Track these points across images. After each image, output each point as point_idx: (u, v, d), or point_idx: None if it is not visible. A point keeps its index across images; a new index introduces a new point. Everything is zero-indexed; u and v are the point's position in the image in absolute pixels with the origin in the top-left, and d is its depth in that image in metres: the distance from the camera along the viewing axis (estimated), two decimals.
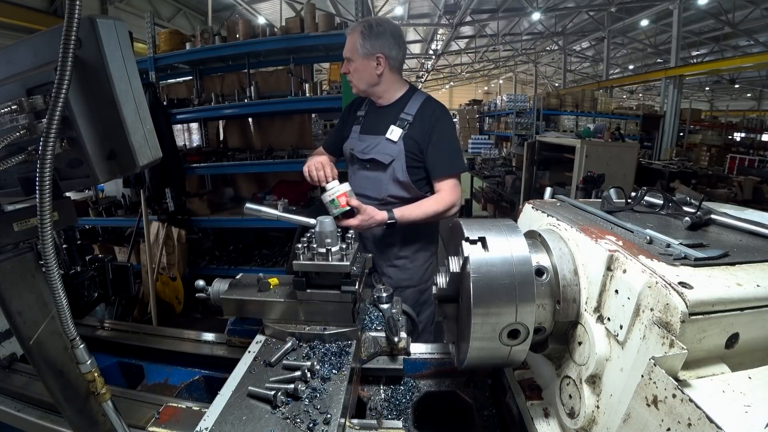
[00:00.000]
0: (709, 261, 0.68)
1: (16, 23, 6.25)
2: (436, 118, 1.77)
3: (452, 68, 25.45)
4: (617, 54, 19.57)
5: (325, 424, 0.78)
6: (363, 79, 1.79)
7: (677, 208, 0.98)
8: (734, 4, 12.13)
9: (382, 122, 1.81)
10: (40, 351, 0.79)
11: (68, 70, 0.60)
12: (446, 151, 1.77)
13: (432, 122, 1.76)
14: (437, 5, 13.50)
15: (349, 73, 1.80)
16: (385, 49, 1.73)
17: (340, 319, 1.05)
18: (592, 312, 0.76)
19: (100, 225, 4.68)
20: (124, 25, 0.77)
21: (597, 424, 0.72)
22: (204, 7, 9.54)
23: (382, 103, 1.86)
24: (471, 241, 0.78)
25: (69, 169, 0.77)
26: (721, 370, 0.61)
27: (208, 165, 4.20)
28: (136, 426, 0.99)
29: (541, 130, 9.28)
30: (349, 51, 1.76)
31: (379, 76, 1.77)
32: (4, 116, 0.69)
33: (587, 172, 4.64)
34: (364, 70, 1.76)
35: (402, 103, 1.83)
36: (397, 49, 1.76)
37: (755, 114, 18.75)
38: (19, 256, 0.79)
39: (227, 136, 5.06)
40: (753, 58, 11.34)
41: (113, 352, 1.52)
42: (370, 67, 1.75)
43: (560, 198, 1.16)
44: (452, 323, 0.92)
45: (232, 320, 1.38)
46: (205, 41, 4.02)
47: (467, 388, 1.15)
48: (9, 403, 1.12)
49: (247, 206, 1.19)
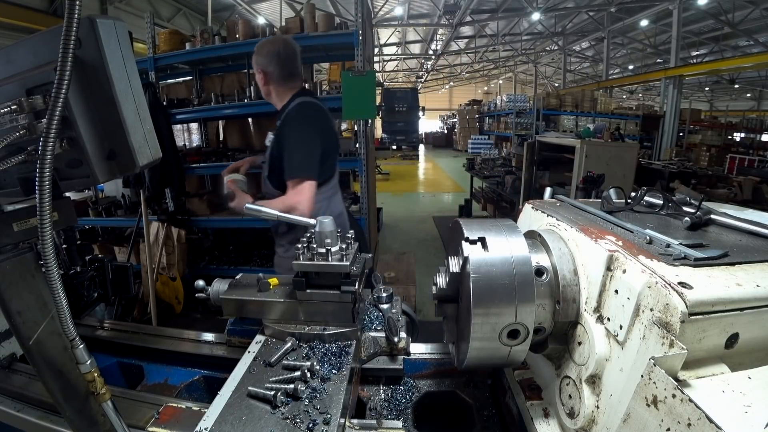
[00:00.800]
0: (709, 261, 0.68)
1: (16, 23, 6.25)
2: (286, 123, 1.94)
3: (452, 68, 25.45)
4: (617, 54, 19.57)
5: (325, 424, 0.78)
6: (268, 94, 2.08)
7: (677, 208, 0.98)
8: (734, 4, 12.14)
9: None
10: (39, 351, 0.79)
11: (68, 70, 0.60)
12: (289, 154, 1.89)
13: (283, 126, 1.94)
14: (437, 5, 13.51)
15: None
16: (263, 65, 1.98)
17: (340, 319, 1.05)
18: (591, 312, 0.76)
19: (99, 225, 4.68)
20: (124, 25, 0.77)
21: (597, 424, 0.72)
22: (204, 7, 9.53)
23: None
24: (471, 241, 0.78)
25: (69, 169, 0.77)
26: (721, 370, 0.61)
27: (208, 165, 4.20)
28: (136, 426, 0.98)
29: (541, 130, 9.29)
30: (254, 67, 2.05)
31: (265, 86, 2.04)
32: (4, 116, 0.69)
33: (587, 172, 4.64)
34: (264, 83, 2.04)
35: (282, 111, 2.03)
36: (275, 65, 1.97)
37: (755, 114, 18.76)
38: (19, 256, 0.79)
39: (227, 136, 5.06)
40: (753, 58, 11.35)
41: (113, 352, 1.52)
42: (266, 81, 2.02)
43: (560, 198, 1.16)
44: (452, 323, 0.92)
45: (231, 320, 1.38)
46: (205, 41, 4.02)
47: (467, 388, 1.15)
48: (9, 403, 1.12)
49: (247, 206, 1.19)
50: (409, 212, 8.74)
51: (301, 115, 1.94)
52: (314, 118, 1.95)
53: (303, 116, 1.94)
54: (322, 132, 1.94)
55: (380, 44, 18.75)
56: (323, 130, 1.95)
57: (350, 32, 3.61)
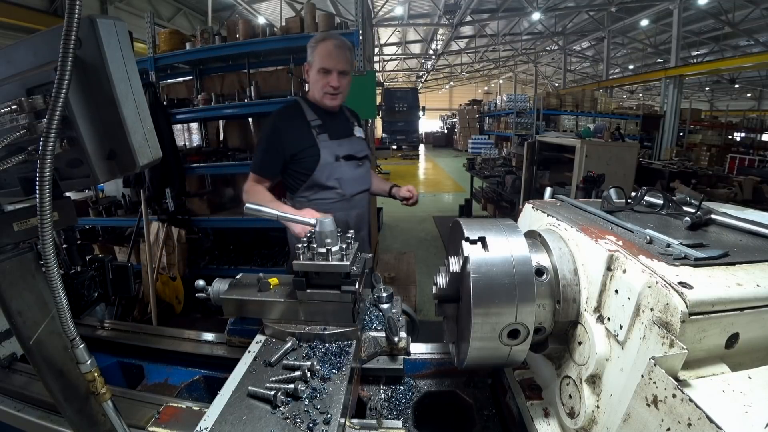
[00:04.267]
0: (709, 261, 0.68)
1: (16, 23, 6.25)
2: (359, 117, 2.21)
3: (452, 68, 25.45)
4: (617, 54, 19.57)
5: (325, 424, 0.78)
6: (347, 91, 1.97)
7: (677, 208, 0.98)
8: (734, 4, 12.14)
9: (343, 125, 2.03)
10: (40, 351, 0.79)
11: (68, 70, 0.60)
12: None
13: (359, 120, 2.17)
14: (437, 5, 13.51)
15: (339, 87, 1.88)
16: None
17: (340, 319, 1.05)
18: (592, 312, 0.76)
19: (100, 225, 4.68)
20: (124, 25, 0.77)
21: (597, 424, 0.72)
22: (204, 7, 9.54)
23: (336, 109, 2.01)
24: (471, 241, 0.78)
25: (69, 169, 0.77)
26: (721, 370, 0.61)
27: (208, 165, 4.20)
28: (136, 426, 0.98)
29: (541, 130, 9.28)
30: (348, 64, 1.89)
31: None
32: (4, 116, 0.69)
33: (587, 172, 4.64)
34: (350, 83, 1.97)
35: (342, 108, 2.07)
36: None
37: (755, 114, 18.73)
38: (19, 256, 0.79)
39: (227, 136, 5.06)
40: (753, 58, 11.34)
41: (113, 352, 1.52)
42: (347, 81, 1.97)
43: (560, 198, 1.16)
44: (452, 323, 0.92)
45: (232, 320, 1.38)
46: (205, 41, 4.02)
47: (467, 388, 1.15)
48: (9, 403, 1.12)
49: (247, 206, 1.19)
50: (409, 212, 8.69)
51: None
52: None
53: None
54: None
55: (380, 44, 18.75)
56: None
57: (350, 32, 3.61)
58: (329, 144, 1.92)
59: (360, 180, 2.03)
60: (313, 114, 1.95)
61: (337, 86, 1.87)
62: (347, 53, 1.87)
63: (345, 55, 1.86)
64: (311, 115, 1.94)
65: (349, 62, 1.89)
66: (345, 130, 2.03)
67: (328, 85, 1.86)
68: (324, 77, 1.86)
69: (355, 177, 2.00)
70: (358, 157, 2.01)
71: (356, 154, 2.00)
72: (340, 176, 1.95)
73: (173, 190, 3.93)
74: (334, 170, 1.93)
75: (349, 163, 1.97)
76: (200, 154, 4.38)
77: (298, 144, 1.90)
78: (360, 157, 2.01)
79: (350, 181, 1.98)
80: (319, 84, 1.88)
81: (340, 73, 1.86)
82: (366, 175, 2.08)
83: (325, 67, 1.84)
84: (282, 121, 1.96)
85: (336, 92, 1.89)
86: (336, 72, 1.85)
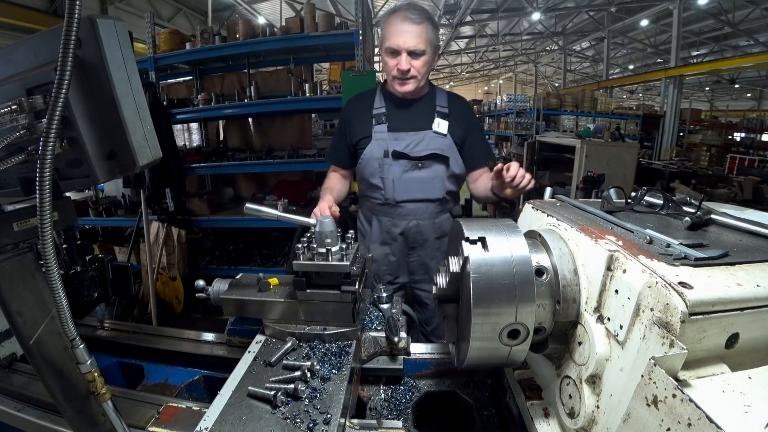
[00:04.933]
0: (709, 261, 0.68)
1: (16, 23, 6.24)
2: (467, 108, 1.79)
3: (452, 68, 25.43)
4: (617, 54, 19.55)
5: (325, 424, 0.78)
6: (426, 74, 1.64)
7: (677, 208, 0.98)
8: (734, 4, 12.12)
9: (419, 116, 1.70)
10: (40, 351, 0.79)
11: (68, 70, 0.60)
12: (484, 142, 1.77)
13: (464, 113, 1.75)
14: (437, 5, 13.49)
15: (411, 69, 1.58)
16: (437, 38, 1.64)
17: (340, 319, 1.05)
18: (592, 312, 0.76)
19: (100, 225, 4.68)
20: (124, 25, 0.77)
21: (597, 424, 0.72)
22: (204, 7, 9.54)
23: (414, 97, 1.70)
24: (471, 241, 0.78)
25: (69, 169, 0.77)
26: (721, 370, 0.61)
27: (208, 165, 4.20)
28: (136, 426, 0.98)
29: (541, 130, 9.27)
30: (423, 42, 1.56)
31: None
32: (4, 116, 0.69)
33: (587, 172, 4.64)
34: (430, 65, 1.64)
35: (431, 95, 1.73)
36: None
37: (755, 114, 18.71)
38: (19, 256, 0.79)
39: (227, 136, 5.06)
40: (753, 58, 11.34)
41: (113, 352, 1.52)
42: (432, 61, 1.65)
43: (560, 198, 1.16)
44: (452, 323, 0.92)
45: (232, 320, 1.38)
46: (205, 41, 4.02)
47: (467, 388, 1.15)
48: (9, 403, 1.12)
49: (247, 206, 1.19)
50: None
51: (466, 101, 1.87)
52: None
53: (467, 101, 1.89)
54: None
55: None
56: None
57: (350, 32, 3.61)
58: (384, 136, 1.67)
59: (415, 185, 1.69)
60: (381, 101, 1.73)
61: (405, 69, 1.57)
62: (423, 27, 1.55)
63: (417, 31, 1.54)
64: (379, 102, 1.73)
65: (424, 39, 1.56)
66: (417, 123, 1.69)
67: (396, 68, 1.58)
68: (392, 59, 1.59)
69: (408, 180, 1.68)
70: (413, 157, 1.65)
71: (413, 152, 1.66)
72: (385, 176, 1.68)
73: (173, 190, 3.93)
74: (379, 167, 1.68)
75: (401, 162, 1.67)
76: (200, 154, 4.39)
77: (357, 133, 1.72)
78: (418, 156, 1.66)
79: (399, 183, 1.68)
80: (387, 67, 1.63)
81: (411, 53, 1.56)
82: (430, 180, 1.69)
83: (391, 47, 1.57)
84: (350, 107, 1.80)
85: (405, 77, 1.60)
86: (405, 52, 1.56)
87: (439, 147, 1.67)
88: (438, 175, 1.70)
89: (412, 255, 1.81)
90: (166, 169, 3.71)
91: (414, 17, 1.54)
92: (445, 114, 1.70)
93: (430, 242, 1.78)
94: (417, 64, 1.58)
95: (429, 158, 1.67)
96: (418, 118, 1.70)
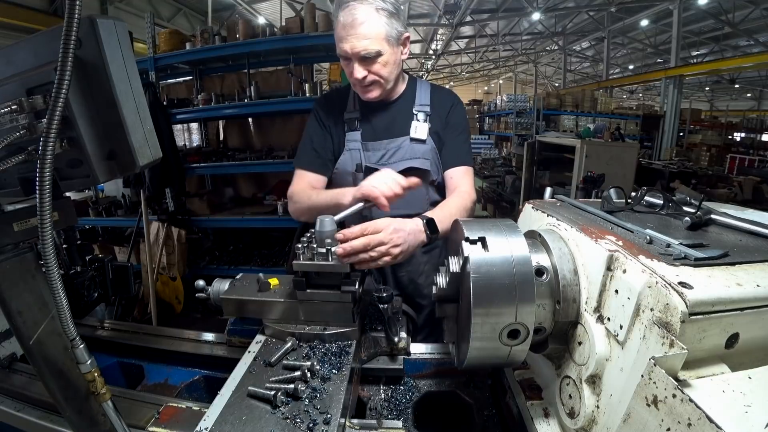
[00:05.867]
0: (709, 261, 0.68)
1: (16, 23, 6.25)
2: (451, 104, 1.52)
3: (452, 68, 25.43)
4: (617, 54, 19.56)
5: (325, 424, 0.78)
6: (393, 74, 1.38)
7: (677, 208, 0.98)
8: (734, 4, 12.12)
9: (395, 120, 1.48)
10: (40, 351, 0.79)
11: (68, 70, 0.60)
12: (461, 142, 1.50)
13: (447, 109, 1.51)
14: (437, 5, 13.49)
15: (368, 75, 1.34)
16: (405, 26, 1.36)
17: (340, 319, 1.05)
18: (592, 312, 0.76)
19: (100, 225, 4.69)
20: (124, 25, 0.77)
21: (597, 424, 0.72)
22: (204, 7, 9.53)
23: (388, 98, 1.48)
24: (471, 241, 0.78)
25: (69, 169, 0.77)
26: (721, 370, 0.61)
27: (208, 165, 4.21)
28: (136, 426, 0.98)
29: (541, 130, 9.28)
30: (375, 42, 1.28)
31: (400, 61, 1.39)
32: (4, 116, 0.69)
33: (587, 172, 4.65)
34: (394, 61, 1.36)
35: (410, 93, 1.50)
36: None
37: (755, 114, 18.72)
38: (19, 256, 0.79)
39: (227, 136, 5.06)
40: (753, 58, 11.35)
41: (113, 352, 1.52)
42: (399, 56, 1.37)
43: (560, 198, 1.16)
44: (452, 323, 0.92)
45: (232, 320, 1.38)
46: (205, 41, 4.03)
47: (467, 388, 1.15)
48: (9, 403, 1.12)
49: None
50: None
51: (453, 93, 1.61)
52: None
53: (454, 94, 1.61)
54: None
55: None
56: None
57: None
58: (356, 146, 1.47)
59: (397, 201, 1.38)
60: (354, 103, 1.50)
61: (361, 77, 1.33)
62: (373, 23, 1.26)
63: (365, 30, 1.26)
64: (351, 104, 1.50)
65: (376, 37, 1.27)
66: (393, 128, 1.47)
67: (352, 76, 1.35)
68: (346, 65, 1.36)
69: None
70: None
71: (388, 164, 1.43)
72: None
73: (173, 190, 3.94)
74: (352, 183, 1.45)
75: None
76: (200, 154, 4.39)
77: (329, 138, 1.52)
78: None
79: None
80: (346, 73, 1.39)
81: (363, 59, 1.30)
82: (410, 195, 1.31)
83: (340, 53, 1.34)
84: (321, 107, 1.55)
85: (365, 84, 1.36)
86: (355, 59, 1.31)
87: (419, 155, 1.47)
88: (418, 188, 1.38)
89: (400, 271, 1.60)
90: (166, 169, 3.71)
91: (358, 14, 1.25)
92: (426, 113, 1.48)
93: (417, 257, 1.57)
94: (376, 68, 1.33)
95: (406, 171, 1.39)
96: (394, 123, 1.48)
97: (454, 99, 1.57)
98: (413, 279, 1.64)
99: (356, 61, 1.31)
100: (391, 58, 1.35)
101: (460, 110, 1.55)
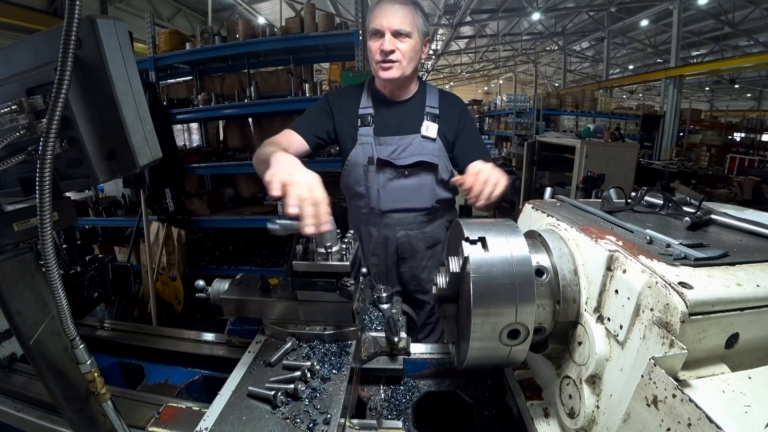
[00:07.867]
0: (709, 261, 0.68)
1: (16, 23, 6.25)
2: (461, 110, 1.65)
3: (452, 68, 25.45)
4: (617, 54, 19.56)
5: (325, 424, 0.78)
6: (413, 62, 1.49)
7: (677, 208, 0.98)
8: (734, 4, 12.12)
9: (407, 118, 1.58)
10: (40, 351, 0.79)
11: (68, 70, 0.60)
12: (478, 140, 1.65)
13: (458, 115, 1.62)
14: (437, 5, 13.49)
15: (395, 51, 1.43)
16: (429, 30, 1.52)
17: (340, 319, 1.05)
18: (592, 312, 0.76)
19: (100, 225, 4.68)
20: (124, 25, 0.77)
21: (597, 424, 0.72)
22: (204, 7, 9.53)
23: (401, 97, 1.60)
24: (471, 241, 0.78)
25: (69, 169, 0.77)
26: (721, 370, 0.61)
27: (208, 165, 4.20)
28: (136, 426, 0.98)
29: (541, 130, 9.28)
30: (409, 24, 1.43)
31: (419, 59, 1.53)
32: (4, 116, 0.69)
33: (587, 172, 4.65)
34: (417, 51, 1.49)
35: (421, 95, 1.62)
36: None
37: (755, 114, 18.71)
38: (19, 256, 0.79)
39: (227, 136, 5.06)
40: (753, 58, 11.34)
41: (113, 352, 1.52)
42: (421, 51, 1.52)
43: (560, 198, 1.16)
44: (452, 323, 0.92)
45: (232, 320, 1.38)
46: (205, 41, 4.03)
47: (467, 388, 1.15)
48: (9, 403, 1.12)
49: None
50: None
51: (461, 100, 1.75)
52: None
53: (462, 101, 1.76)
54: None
55: None
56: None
57: (350, 32, 3.61)
58: (369, 140, 1.56)
59: (402, 194, 1.58)
60: (368, 100, 1.60)
61: (389, 50, 1.42)
62: (410, 10, 1.44)
63: (402, 12, 1.42)
64: (366, 101, 1.60)
65: (410, 21, 1.43)
66: (405, 125, 1.58)
67: (379, 50, 1.44)
68: (375, 41, 1.45)
69: (393, 188, 1.57)
70: (399, 165, 1.55)
71: (399, 159, 1.55)
72: (369, 184, 1.58)
73: (173, 190, 3.94)
74: (363, 174, 1.58)
75: (386, 169, 1.56)
76: (200, 155, 4.39)
77: (342, 129, 1.60)
78: (404, 165, 1.54)
79: (384, 192, 1.58)
80: (371, 53, 1.48)
81: (396, 33, 1.42)
82: (418, 189, 1.58)
83: (375, 28, 1.44)
84: (334, 99, 1.65)
85: (388, 60, 1.44)
86: (389, 32, 1.41)
87: (428, 152, 1.57)
88: (426, 183, 1.59)
89: (403, 266, 1.70)
90: (166, 169, 3.71)
91: (398, 2, 1.44)
92: (435, 115, 1.59)
93: (420, 252, 1.67)
94: (402, 47, 1.44)
95: (416, 165, 1.56)
96: (406, 121, 1.59)
97: (462, 105, 1.70)
98: (416, 275, 1.69)
99: (389, 33, 1.42)
100: (417, 45, 1.48)
101: (469, 114, 1.69)
